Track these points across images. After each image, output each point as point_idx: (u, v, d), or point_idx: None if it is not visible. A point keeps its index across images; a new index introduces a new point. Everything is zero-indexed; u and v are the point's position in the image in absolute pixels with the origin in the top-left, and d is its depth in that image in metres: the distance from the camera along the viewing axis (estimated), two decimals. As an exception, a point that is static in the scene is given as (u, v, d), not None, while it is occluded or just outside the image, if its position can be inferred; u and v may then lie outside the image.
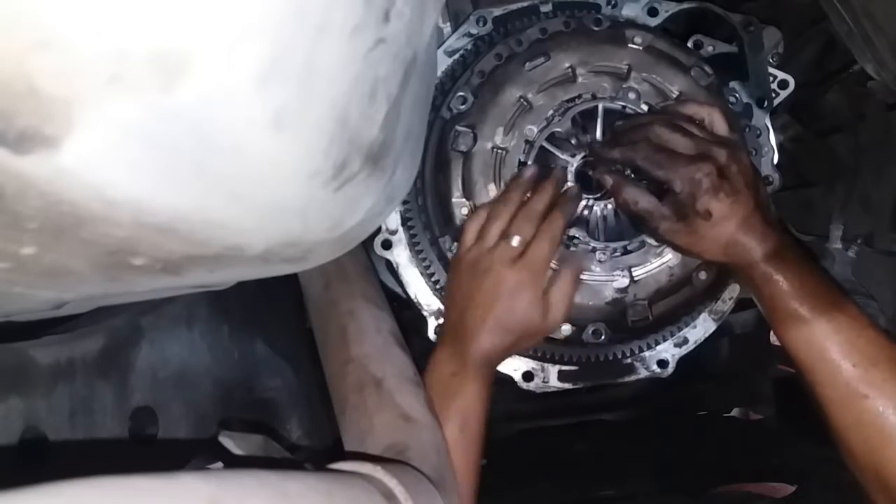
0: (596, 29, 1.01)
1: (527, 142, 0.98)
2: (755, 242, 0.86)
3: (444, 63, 1.06)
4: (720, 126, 0.91)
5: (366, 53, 0.48)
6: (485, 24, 1.06)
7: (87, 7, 0.34)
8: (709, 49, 1.08)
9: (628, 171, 0.94)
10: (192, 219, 0.45)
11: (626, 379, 1.09)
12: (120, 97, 0.37)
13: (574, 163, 0.98)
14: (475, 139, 0.98)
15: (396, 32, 0.51)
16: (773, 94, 1.07)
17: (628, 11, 1.07)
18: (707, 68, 1.01)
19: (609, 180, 0.93)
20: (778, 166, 1.07)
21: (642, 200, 0.90)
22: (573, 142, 1.00)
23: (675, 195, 0.87)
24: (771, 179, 1.06)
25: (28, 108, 0.35)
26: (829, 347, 0.81)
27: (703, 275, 1.00)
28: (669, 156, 0.87)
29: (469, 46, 1.06)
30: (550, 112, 0.99)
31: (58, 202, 0.39)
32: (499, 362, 0.95)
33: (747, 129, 1.06)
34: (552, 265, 0.95)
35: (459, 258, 0.95)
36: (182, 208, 0.44)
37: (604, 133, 0.98)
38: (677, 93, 0.99)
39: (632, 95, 0.99)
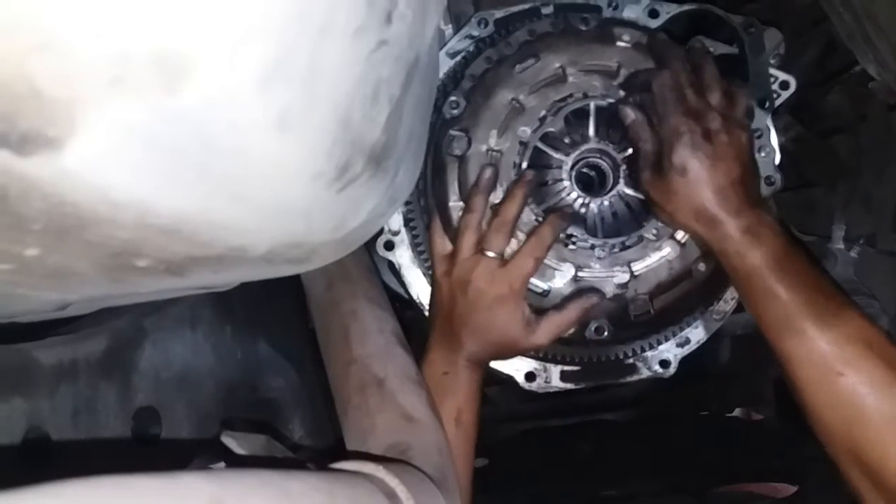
0: (584, 29, 1.01)
1: (521, 143, 0.98)
2: (727, 215, 0.85)
3: (445, 65, 1.06)
4: (738, 105, 0.91)
5: (368, 55, 0.48)
6: (486, 26, 1.06)
7: (87, 9, 0.34)
8: (710, 50, 1.08)
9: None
10: (195, 220, 0.46)
11: (629, 379, 1.09)
12: (122, 99, 0.37)
13: (569, 162, 0.98)
14: (469, 143, 0.98)
15: (399, 34, 0.51)
16: (775, 95, 1.06)
17: (629, 13, 1.07)
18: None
19: (630, 114, 0.93)
20: (780, 167, 1.07)
21: (645, 141, 0.91)
22: (567, 140, 1.00)
23: (658, 136, 0.89)
24: (773, 180, 1.05)
25: (30, 111, 0.35)
26: (804, 325, 0.79)
27: (702, 266, 1.00)
28: (675, 98, 0.88)
29: (471, 48, 1.06)
30: (543, 112, 0.99)
31: (61, 204, 0.39)
32: (487, 364, 0.97)
33: (748, 130, 1.06)
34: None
35: (441, 272, 0.97)
36: (186, 210, 0.44)
37: (596, 131, 0.99)
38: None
39: (622, 93, 0.99)
